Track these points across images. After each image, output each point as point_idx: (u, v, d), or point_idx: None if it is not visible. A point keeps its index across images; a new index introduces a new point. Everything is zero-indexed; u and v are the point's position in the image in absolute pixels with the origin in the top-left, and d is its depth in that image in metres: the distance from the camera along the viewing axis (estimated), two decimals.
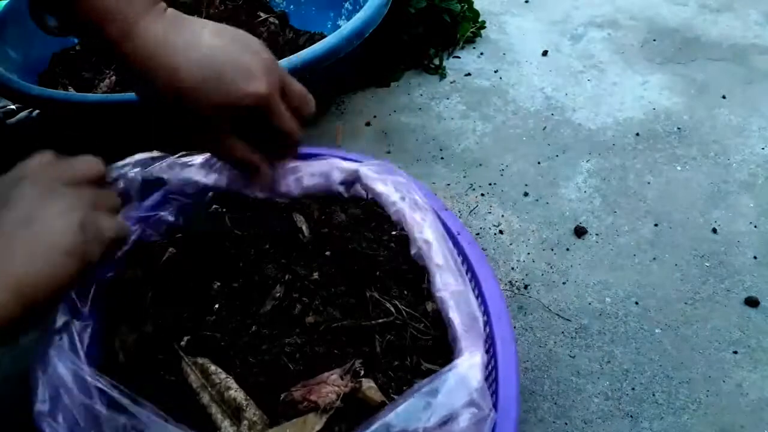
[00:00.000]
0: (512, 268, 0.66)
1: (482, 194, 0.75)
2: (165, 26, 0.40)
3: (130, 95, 0.62)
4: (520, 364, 0.57)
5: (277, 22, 0.86)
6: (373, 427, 0.32)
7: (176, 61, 0.39)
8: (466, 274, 0.47)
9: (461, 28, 1.00)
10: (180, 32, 0.40)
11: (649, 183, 0.76)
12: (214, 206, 0.50)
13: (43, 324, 0.39)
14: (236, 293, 0.44)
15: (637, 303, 0.63)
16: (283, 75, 0.44)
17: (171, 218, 0.50)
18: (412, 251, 0.45)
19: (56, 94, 0.61)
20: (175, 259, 0.46)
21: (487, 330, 0.42)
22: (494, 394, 0.39)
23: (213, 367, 0.37)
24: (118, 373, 0.39)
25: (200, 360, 0.39)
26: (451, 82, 0.94)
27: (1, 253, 0.31)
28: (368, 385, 0.37)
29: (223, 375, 0.37)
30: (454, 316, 0.40)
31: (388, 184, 0.48)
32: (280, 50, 0.81)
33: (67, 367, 0.36)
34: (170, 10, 0.42)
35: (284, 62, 0.64)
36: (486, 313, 0.43)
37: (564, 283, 0.65)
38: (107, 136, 0.69)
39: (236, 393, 0.36)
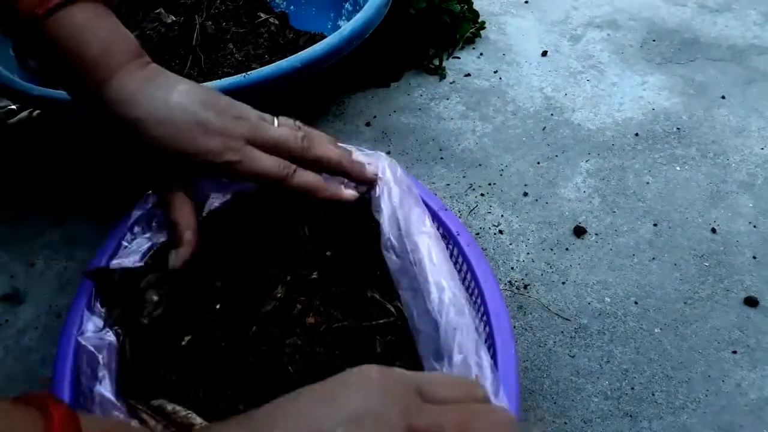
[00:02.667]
0: (512, 268, 0.66)
1: (482, 194, 0.75)
2: (140, 79, 0.42)
3: None
4: (520, 363, 0.57)
5: (277, 22, 0.86)
6: None
7: (140, 115, 0.41)
8: (466, 274, 0.47)
9: (461, 29, 1.00)
10: (152, 87, 0.42)
11: (648, 183, 0.76)
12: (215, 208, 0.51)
13: None
14: (238, 293, 0.44)
15: (636, 303, 0.63)
16: (254, 128, 0.43)
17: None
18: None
19: (58, 95, 0.61)
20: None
21: (487, 330, 0.42)
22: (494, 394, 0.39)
23: (170, 407, 0.37)
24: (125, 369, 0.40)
25: (156, 402, 0.38)
26: (451, 83, 0.94)
27: None
28: None
29: (183, 412, 0.37)
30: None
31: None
32: (280, 51, 0.81)
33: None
34: (152, 65, 0.44)
35: (284, 63, 0.64)
36: (486, 312, 0.43)
37: (563, 283, 0.65)
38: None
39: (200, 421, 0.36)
